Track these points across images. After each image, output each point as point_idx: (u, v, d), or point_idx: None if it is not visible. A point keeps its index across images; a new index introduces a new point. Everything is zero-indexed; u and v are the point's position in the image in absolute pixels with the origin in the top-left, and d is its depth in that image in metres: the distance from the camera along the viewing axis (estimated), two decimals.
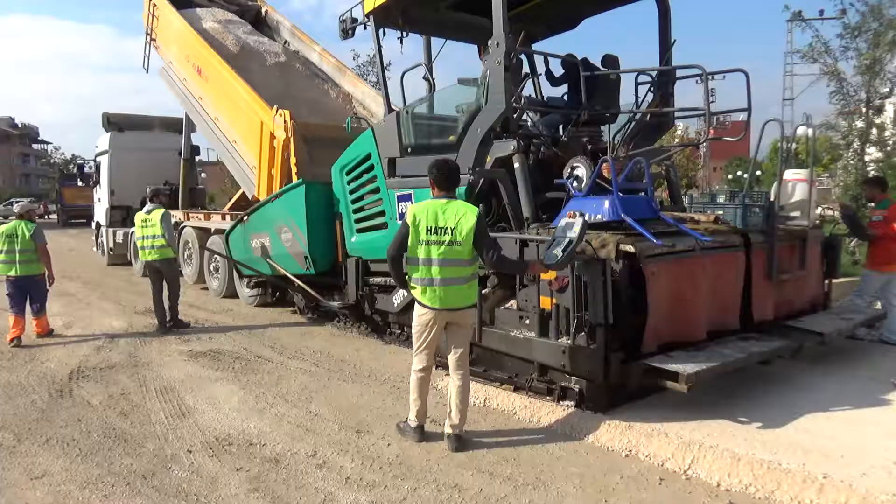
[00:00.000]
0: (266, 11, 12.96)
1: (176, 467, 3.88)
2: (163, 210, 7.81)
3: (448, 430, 4.10)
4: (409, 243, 4.01)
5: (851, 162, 13.11)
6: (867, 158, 12.79)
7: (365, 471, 3.79)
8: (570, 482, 3.61)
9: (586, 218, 4.16)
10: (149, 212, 7.79)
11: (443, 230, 3.90)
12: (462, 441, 4.09)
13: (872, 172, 12.20)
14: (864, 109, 12.10)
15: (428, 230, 3.93)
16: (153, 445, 4.21)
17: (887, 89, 12.23)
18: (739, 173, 30.79)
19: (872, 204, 6.90)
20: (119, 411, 4.88)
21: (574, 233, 4.00)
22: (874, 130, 12.31)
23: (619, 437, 4.09)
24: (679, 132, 33.74)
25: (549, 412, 4.52)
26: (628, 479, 3.64)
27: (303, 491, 3.56)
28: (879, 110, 12.49)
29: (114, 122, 14.96)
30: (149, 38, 12.75)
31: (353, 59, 16.89)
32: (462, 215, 3.91)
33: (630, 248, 4.25)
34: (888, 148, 12.79)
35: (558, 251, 3.99)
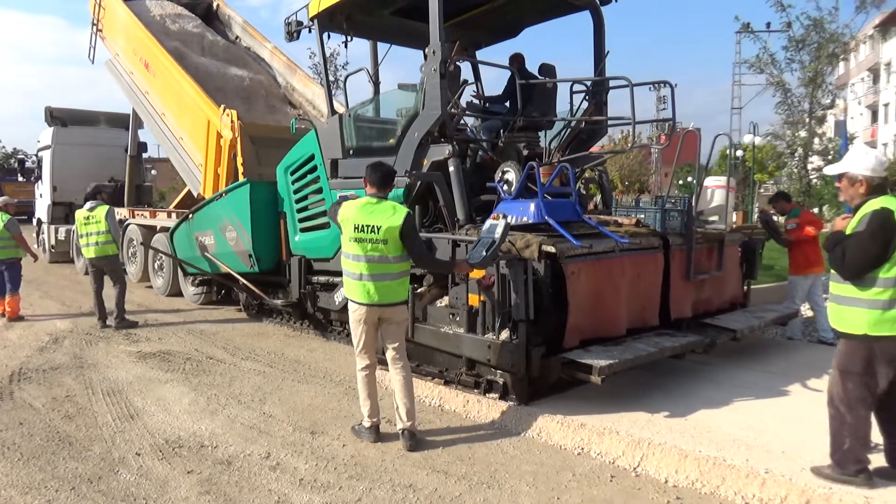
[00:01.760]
0: (217, 6, 12.82)
1: (124, 471, 3.79)
2: (107, 206, 7.95)
3: (400, 426, 4.15)
4: (341, 240, 4.18)
5: (795, 170, 13.79)
6: (810, 167, 13.48)
7: (319, 472, 3.78)
8: (524, 480, 3.68)
9: (510, 220, 4.44)
10: (91, 209, 7.88)
11: (369, 228, 4.03)
12: (417, 439, 4.13)
13: (814, 180, 12.89)
14: (807, 119, 12.70)
15: (356, 228, 4.06)
16: (100, 449, 4.11)
17: (829, 101, 12.92)
18: (690, 179, 32.14)
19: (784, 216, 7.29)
20: (63, 414, 4.75)
21: (497, 234, 4.26)
22: (816, 140, 12.98)
23: (572, 435, 4.20)
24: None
25: (502, 412, 4.60)
26: (580, 477, 3.74)
27: (256, 493, 3.52)
28: (821, 121, 13.15)
29: (57, 117, 14.60)
30: (95, 28, 12.48)
31: (310, 57, 16.78)
32: (390, 215, 4.03)
33: (552, 249, 4.49)
34: (829, 157, 13.55)
35: (483, 251, 4.25)
